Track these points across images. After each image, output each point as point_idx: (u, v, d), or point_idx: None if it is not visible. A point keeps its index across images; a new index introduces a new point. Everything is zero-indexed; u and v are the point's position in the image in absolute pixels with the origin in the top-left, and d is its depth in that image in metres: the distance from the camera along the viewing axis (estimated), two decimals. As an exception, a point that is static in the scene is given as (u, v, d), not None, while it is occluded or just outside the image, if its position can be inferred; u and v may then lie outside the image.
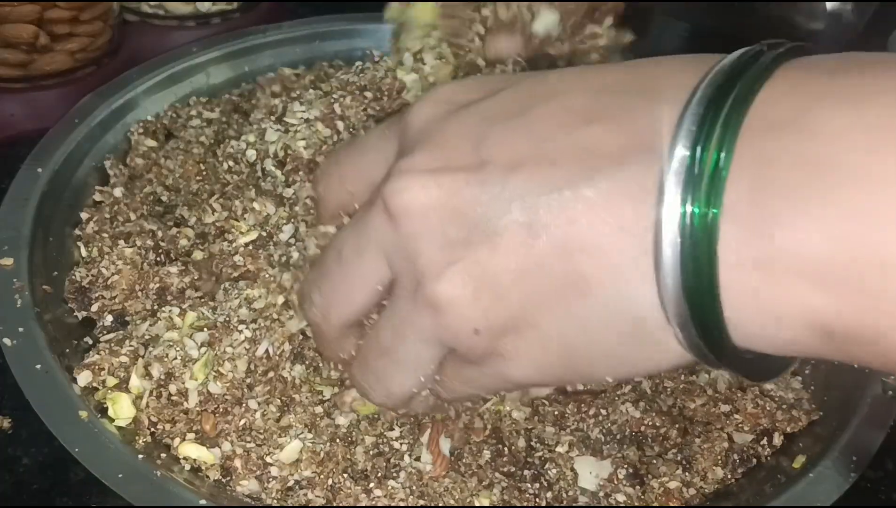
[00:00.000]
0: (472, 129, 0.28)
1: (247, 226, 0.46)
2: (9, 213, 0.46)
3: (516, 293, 0.27)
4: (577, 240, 0.26)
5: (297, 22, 0.64)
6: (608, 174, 0.25)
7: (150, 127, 0.54)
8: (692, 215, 0.23)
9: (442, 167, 0.28)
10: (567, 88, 0.28)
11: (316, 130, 0.49)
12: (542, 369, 0.29)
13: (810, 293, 0.22)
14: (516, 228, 0.26)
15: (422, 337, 0.30)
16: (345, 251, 0.32)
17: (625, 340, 0.26)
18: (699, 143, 0.23)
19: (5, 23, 0.57)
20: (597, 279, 0.26)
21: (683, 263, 0.23)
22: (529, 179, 0.26)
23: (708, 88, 0.24)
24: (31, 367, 0.39)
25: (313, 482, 0.37)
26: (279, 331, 0.40)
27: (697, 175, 0.23)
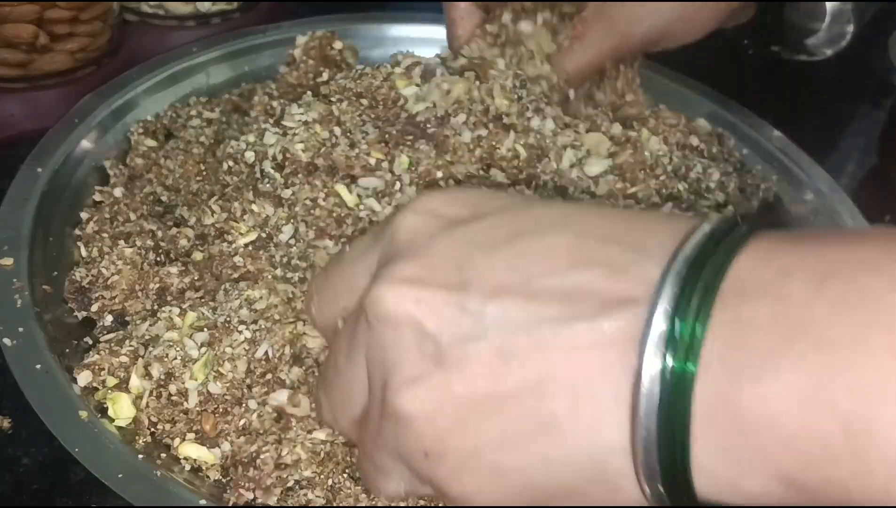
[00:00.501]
0: (457, 250, 0.29)
1: (246, 227, 0.46)
2: (9, 213, 0.46)
3: (479, 424, 0.27)
4: (551, 378, 0.26)
5: (297, 22, 0.64)
6: (590, 319, 0.26)
7: (150, 127, 0.54)
8: (672, 371, 0.24)
9: (423, 281, 0.28)
10: (552, 225, 0.29)
11: (314, 133, 0.50)
12: (494, 503, 0.28)
13: (779, 451, 0.23)
14: (489, 355, 0.27)
15: (387, 449, 0.30)
16: (339, 360, 0.33)
17: (590, 482, 0.26)
18: (679, 309, 0.24)
19: (5, 23, 0.57)
20: (567, 421, 0.26)
21: (659, 412, 0.24)
22: (509, 308, 0.27)
23: (689, 253, 0.25)
24: (31, 367, 0.39)
25: (313, 482, 0.37)
26: (279, 333, 0.40)
27: (678, 339, 0.24)
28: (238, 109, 0.57)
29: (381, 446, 0.30)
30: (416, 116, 0.50)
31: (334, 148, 0.49)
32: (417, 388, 0.28)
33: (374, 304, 0.29)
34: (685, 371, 0.24)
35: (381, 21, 0.64)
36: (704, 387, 0.24)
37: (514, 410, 0.26)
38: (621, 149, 0.51)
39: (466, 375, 0.27)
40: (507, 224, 0.29)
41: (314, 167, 0.49)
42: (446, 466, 0.28)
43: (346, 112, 0.51)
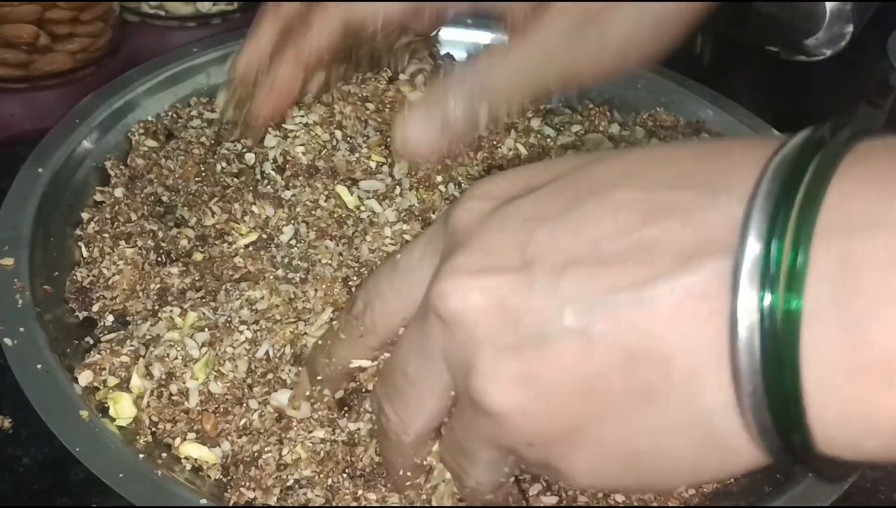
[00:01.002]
0: (516, 229, 0.27)
1: (247, 228, 0.46)
2: (9, 213, 0.46)
3: (574, 405, 0.26)
4: (640, 347, 0.24)
5: (297, 22, 0.64)
6: (670, 276, 0.23)
7: (151, 127, 0.54)
8: (771, 311, 0.22)
9: (485, 269, 0.27)
10: (615, 182, 0.26)
11: (315, 135, 0.50)
12: (605, 478, 0.27)
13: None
14: (571, 335, 0.25)
15: (486, 440, 0.29)
16: (410, 370, 0.30)
17: (696, 448, 0.25)
18: (773, 240, 0.22)
19: (5, 23, 0.57)
20: (665, 388, 0.24)
21: (764, 365, 0.22)
22: (582, 281, 0.25)
23: (774, 183, 0.23)
24: (32, 367, 0.39)
25: (313, 481, 0.37)
26: (280, 333, 0.41)
27: (774, 274, 0.22)
28: None
29: (478, 441, 0.29)
30: None
31: (335, 151, 0.49)
32: (503, 382, 0.26)
33: (439, 302, 0.27)
34: (790, 309, 0.21)
35: (381, 21, 0.64)
36: (814, 333, 0.21)
37: (608, 386, 0.25)
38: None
39: (551, 360, 0.25)
40: (564, 190, 0.27)
41: (315, 169, 0.49)
42: (553, 451, 0.27)
43: (347, 116, 0.51)
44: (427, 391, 0.30)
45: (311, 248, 0.45)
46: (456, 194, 0.49)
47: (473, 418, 0.28)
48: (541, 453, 0.27)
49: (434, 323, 0.28)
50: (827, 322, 0.21)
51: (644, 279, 0.24)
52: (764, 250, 0.22)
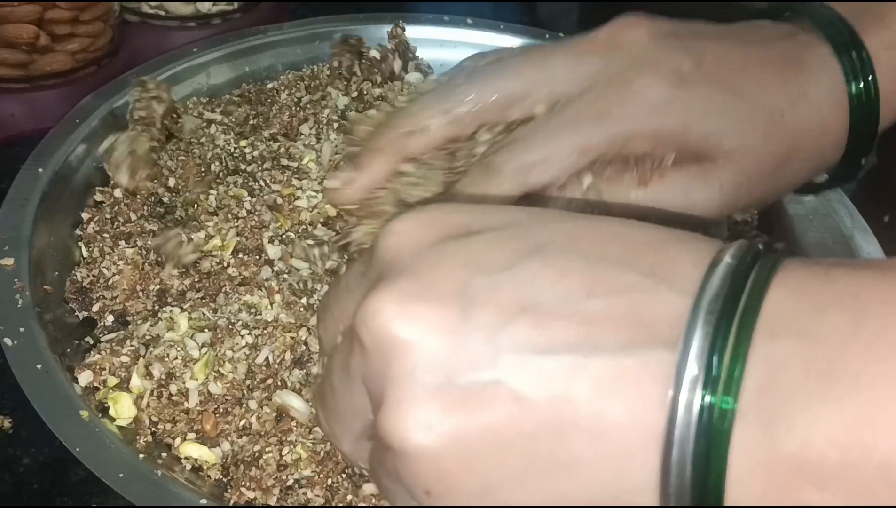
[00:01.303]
0: (453, 269, 0.26)
1: (220, 240, 0.46)
2: (9, 213, 0.46)
3: (488, 464, 0.24)
4: (571, 415, 0.24)
5: (297, 22, 0.64)
6: (612, 353, 0.24)
7: (148, 123, 0.54)
8: (709, 410, 0.23)
9: (418, 297, 0.25)
10: (561, 246, 0.26)
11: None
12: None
13: (815, 494, 0.22)
14: (501, 390, 0.24)
15: (388, 476, 0.28)
16: (336, 385, 0.30)
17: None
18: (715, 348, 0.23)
19: (6, 23, 0.57)
20: (591, 461, 0.24)
21: (695, 458, 0.23)
22: (521, 337, 0.24)
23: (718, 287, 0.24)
24: (32, 367, 0.39)
25: (313, 481, 0.37)
26: (280, 339, 0.41)
27: (715, 377, 0.23)
28: (239, 109, 0.57)
29: (383, 472, 0.28)
30: None
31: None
32: (416, 423, 0.24)
33: (363, 323, 0.26)
34: (726, 409, 0.23)
35: (381, 22, 0.64)
36: (739, 426, 0.23)
37: (529, 450, 0.24)
38: None
39: (473, 410, 0.24)
40: (507, 242, 0.26)
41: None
42: (448, 502, 0.25)
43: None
44: (350, 409, 0.29)
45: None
46: None
47: (381, 451, 0.27)
48: (434, 504, 0.26)
49: (355, 345, 0.27)
50: (750, 421, 0.23)
51: (585, 349, 0.24)
52: (707, 356, 0.23)
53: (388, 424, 0.25)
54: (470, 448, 0.24)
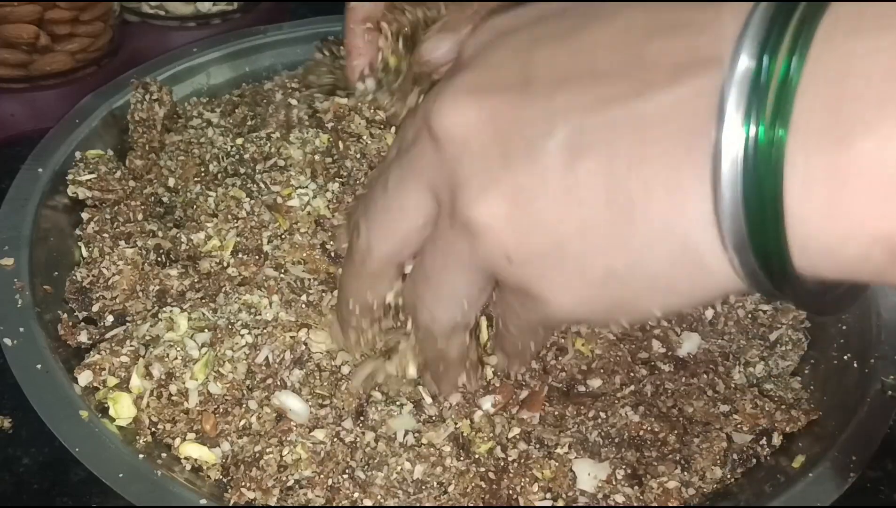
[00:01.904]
0: (520, 50, 0.27)
1: (219, 240, 0.46)
2: (9, 213, 0.46)
3: (556, 219, 0.26)
4: (624, 159, 0.24)
5: (297, 22, 0.64)
6: (662, 89, 0.23)
7: (149, 126, 0.54)
8: (757, 129, 0.21)
9: (484, 87, 0.27)
10: (618, 8, 0.26)
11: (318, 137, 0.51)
12: (582, 301, 0.27)
13: (884, 205, 0.21)
14: (559, 148, 0.25)
15: (460, 263, 0.29)
16: (390, 182, 0.31)
17: (673, 264, 0.25)
18: (766, 50, 0.21)
19: (6, 23, 0.57)
20: (645, 200, 0.24)
21: (746, 179, 0.22)
22: (576, 95, 0.25)
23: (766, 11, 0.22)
24: (32, 367, 0.39)
25: (313, 481, 0.37)
26: (280, 339, 0.41)
27: (763, 85, 0.21)
28: (238, 109, 0.57)
29: (452, 263, 0.29)
30: None
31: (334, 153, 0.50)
32: (490, 196, 0.26)
33: (434, 118, 0.27)
34: (775, 130, 0.21)
35: (381, 21, 0.64)
36: (799, 143, 0.21)
37: (590, 197, 0.25)
38: None
39: (539, 173, 0.25)
40: (574, 16, 0.27)
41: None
42: (531, 267, 0.27)
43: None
44: (398, 208, 0.31)
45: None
46: None
47: (450, 237, 0.28)
48: (518, 272, 0.27)
49: (424, 142, 0.28)
50: (813, 129, 0.21)
51: (636, 91, 0.24)
52: (756, 62, 0.21)
53: (470, 201, 0.27)
54: (539, 205, 0.26)
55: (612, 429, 0.40)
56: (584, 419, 0.40)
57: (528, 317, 0.30)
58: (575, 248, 0.26)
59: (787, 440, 0.41)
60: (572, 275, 0.27)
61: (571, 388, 0.42)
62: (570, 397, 0.41)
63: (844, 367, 0.44)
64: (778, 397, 0.42)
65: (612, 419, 0.40)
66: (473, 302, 0.31)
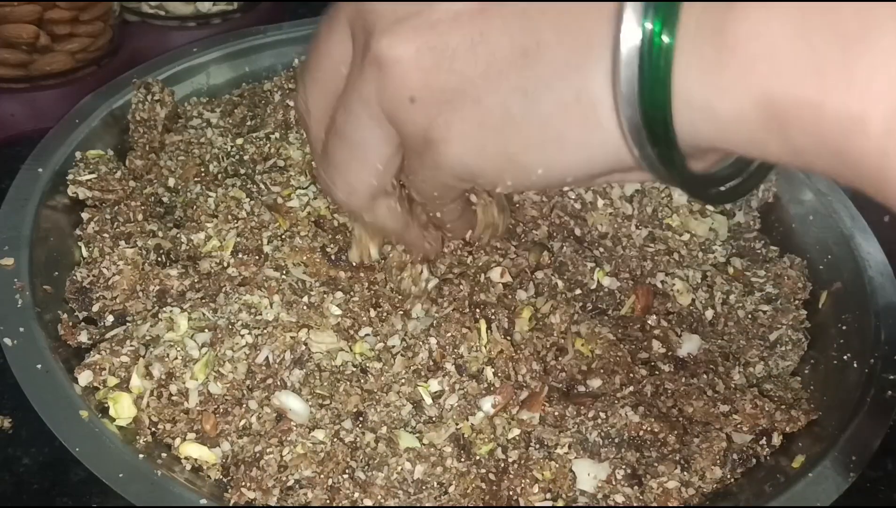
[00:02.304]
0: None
1: (219, 240, 0.46)
2: (9, 213, 0.46)
3: (462, 61, 0.26)
4: (539, 9, 0.25)
5: (297, 22, 0.64)
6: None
7: (150, 126, 0.54)
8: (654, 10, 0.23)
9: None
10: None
11: None
12: (476, 148, 0.28)
13: (760, 66, 0.22)
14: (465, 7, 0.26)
15: (368, 111, 0.30)
16: (321, 34, 0.32)
17: (567, 112, 0.26)
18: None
19: (6, 23, 0.57)
20: (554, 46, 0.25)
21: (642, 41, 0.23)
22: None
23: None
24: (32, 367, 0.39)
25: (313, 481, 0.37)
26: (280, 339, 0.41)
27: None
28: (238, 109, 0.57)
29: (360, 116, 0.30)
30: None
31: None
32: (401, 31, 0.27)
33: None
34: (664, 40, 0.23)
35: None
36: (692, 11, 0.23)
37: (498, 39, 0.26)
38: None
39: (450, 15, 0.26)
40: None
41: (310, 167, 0.49)
42: (433, 108, 0.28)
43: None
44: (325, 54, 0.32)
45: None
46: None
47: (358, 78, 0.29)
48: (420, 114, 0.28)
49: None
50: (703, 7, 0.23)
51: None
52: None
53: (379, 41, 0.28)
54: (446, 46, 0.26)
55: (612, 429, 0.40)
56: (584, 419, 0.40)
57: (424, 173, 0.31)
58: (477, 89, 0.27)
59: (787, 440, 0.41)
60: (471, 117, 0.27)
61: (571, 388, 0.42)
62: (570, 397, 0.41)
63: (844, 367, 0.44)
64: (778, 397, 0.42)
65: (612, 420, 0.40)
66: (386, 163, 0.32)
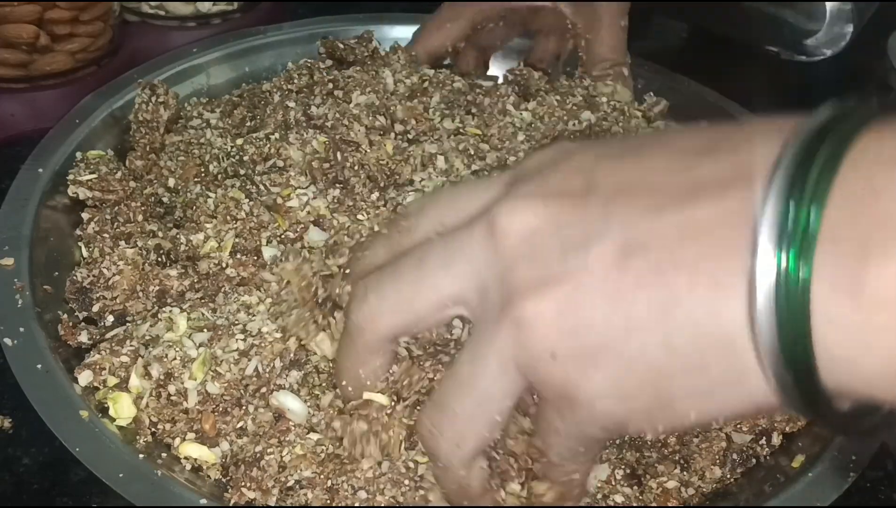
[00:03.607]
0: (584, 165, 0.29)
1: (217, 241, 0.46)
2: (9, 213, 0.46)
3: (604, 317, 0.27)
4: (671, 260, 0.26)
5: (297, 22, 0.64)
6: (710, 200, 0.25)
7: (152, 127, 0.54)
8: (787, 260, 0.23)
9: (549, 193, 0.29)
10: (678, 135, 0.29)
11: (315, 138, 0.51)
12: (623, 401, 0.28)
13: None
14: (612, 248, 0.27)
15: (500, 361, 0.29)
16: (429, 259, 0.31)
17: (712, 363, 0.26)
18: (791, 198, 0.24)
19: (6, 23, 0.57)
20: (688, 298, 0.25)
21: (777, 296, 0.24)
22: (631, 202, 0.27)
23: (807, 134, 0.24)
24: (32, 367, 0.39)
25: (313, 482, 0.37)
26: (268, 348, 0.40)
27: (790, 232, 0.23)
28: (238, 109, 0.57)
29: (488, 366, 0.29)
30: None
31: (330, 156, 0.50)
32: (542, 291, 0.27)
33: (502, 216, 0.29)
34: (801, 262, 0.23)
35: (381, 21, 0.64)
36: (827, 262, 0.23)
37: (637, 296, 0.26)
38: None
39: (592, 273, 0.27)
40: (630, 143, 0.30)
41: (310, 168, 0.49)
42: (575, 363, 0.28)
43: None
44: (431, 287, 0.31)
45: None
46: None
47: (494, 332, 0.29)
48: (560, 370, 0.28)
49: (481, 234, 0.29)
50: (841, 252, 0.23)
51: (683, 201, 0.26)
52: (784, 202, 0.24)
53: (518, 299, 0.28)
54: (589, 303, 0.27)
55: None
56: None
57: (568, 429, 0.30)
58: (620, 345, 0.27)
59: (786, 440, 0.41)
60: (615, 372, 0.27)
61: None
62: None
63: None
64: (778, 397, 0.42)
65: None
66: (504, 416, 0.31)
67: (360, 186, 0.49)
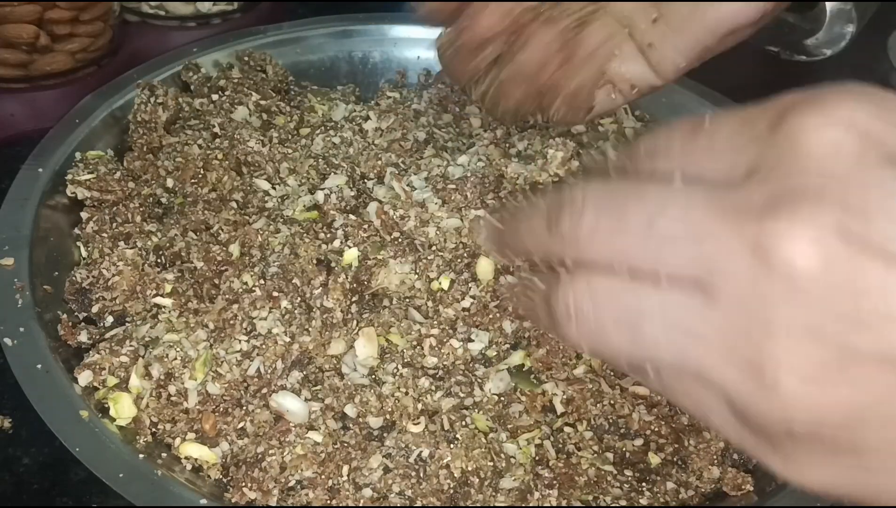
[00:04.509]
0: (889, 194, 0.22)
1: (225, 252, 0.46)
2: (9, 213, 0.46)
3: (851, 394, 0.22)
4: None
5: (297, 22, 0.64)
6: None
7: (150, 128, 0.54)
8: None
9: (851, 235, 0.21)
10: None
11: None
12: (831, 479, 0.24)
13: None
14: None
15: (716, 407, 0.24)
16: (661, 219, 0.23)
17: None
18: None
19: (6, 23, 0.57)
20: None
21: None
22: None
23: None
24: (32, 367, 0.39)
25: (314, 482, 0.37)
26: (271, 349, 0.40)
27: None
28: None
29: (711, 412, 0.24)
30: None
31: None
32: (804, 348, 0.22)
33: (779, 240, 0.21)
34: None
35: (381, 21, 0.64)
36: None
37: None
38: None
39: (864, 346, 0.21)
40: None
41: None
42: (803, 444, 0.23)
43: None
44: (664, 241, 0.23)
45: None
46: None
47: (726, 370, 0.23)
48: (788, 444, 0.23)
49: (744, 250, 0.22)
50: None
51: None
52: None
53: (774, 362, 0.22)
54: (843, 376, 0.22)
55: (620, 419, 0.41)
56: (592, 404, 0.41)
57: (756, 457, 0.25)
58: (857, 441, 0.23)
59: (786, 440, 0.41)
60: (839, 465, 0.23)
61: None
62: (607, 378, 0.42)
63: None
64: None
65: (622, 411, 0.41)
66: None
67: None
